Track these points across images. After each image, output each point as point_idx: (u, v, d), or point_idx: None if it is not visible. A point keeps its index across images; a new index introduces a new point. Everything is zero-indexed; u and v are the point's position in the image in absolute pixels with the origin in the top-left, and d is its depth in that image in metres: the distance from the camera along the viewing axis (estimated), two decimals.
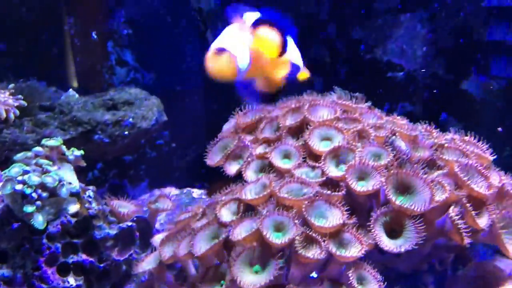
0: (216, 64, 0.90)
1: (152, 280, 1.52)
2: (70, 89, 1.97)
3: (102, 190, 2.32)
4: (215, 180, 1.59)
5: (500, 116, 2.23)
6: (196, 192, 1.95)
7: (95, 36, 2.27)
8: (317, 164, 1.47)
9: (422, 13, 2.28)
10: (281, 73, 1.02)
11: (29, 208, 1.40)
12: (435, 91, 2.30)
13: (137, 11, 2.31)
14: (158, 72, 2.37)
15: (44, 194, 1.43)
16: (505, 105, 2.20)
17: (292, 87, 1.53)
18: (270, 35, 0.92)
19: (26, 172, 1.43)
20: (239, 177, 1.55)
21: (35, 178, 1.42)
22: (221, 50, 0.91)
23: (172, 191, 1.94)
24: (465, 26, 2.24)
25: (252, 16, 0.96)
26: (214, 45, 0.91)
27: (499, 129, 2.28)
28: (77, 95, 1.96)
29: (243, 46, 0.93)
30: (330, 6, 2.32)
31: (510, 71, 1.96)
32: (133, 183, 2.34)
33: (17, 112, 1.66)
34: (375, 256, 1.50)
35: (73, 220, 1.49)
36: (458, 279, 1.54)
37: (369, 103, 1.70)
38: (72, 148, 1.56)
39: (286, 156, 1.53)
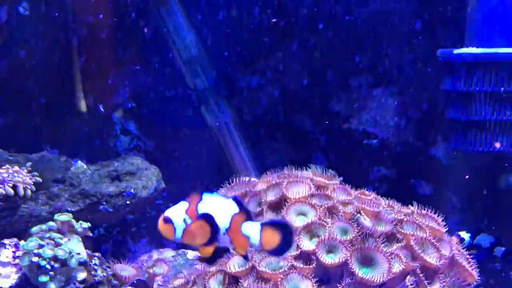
0: (161, 227, 1.11)
1: None
2: (79, 161, 2.18)
3: (106, 247, 2.49)
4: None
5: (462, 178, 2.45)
6: (191, 254, 2.12)
7: (102, 109, 2.51)
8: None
9: (393, 88, 2.51)
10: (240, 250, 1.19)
11: (43, 278, 1.59)
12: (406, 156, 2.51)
13: (140, 88, 2.54)
14: (158, 140, 2.60)
15: (56, 265, 1.62)
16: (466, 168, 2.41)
17: None
18: (200, 230, 1.12)
19: (41, 246, 1.62)
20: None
21: (48, 252, 1.61)
22: (167, 220, 1.10)
23: (169, 253, 2.12)
24: (430, 100, 2.47)
25: (208, 199, 1.13)
26: (166, 213, 1.10)
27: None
28: (84, 166, 2.17)
29: (183, 222, 1.10)
30: (311, 81, 2.55)
31: (467, 146, 2.16)
32: (134, 239, 2.52)
33: (34, 188, 1.87)
34: None
35: (81, 286, 1.67)
36: None
37: (340, 179, 1.88)
38: (80, 221, 1.76)
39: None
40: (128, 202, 2.04)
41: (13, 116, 2.47)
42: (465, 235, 2.25)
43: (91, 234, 1.76)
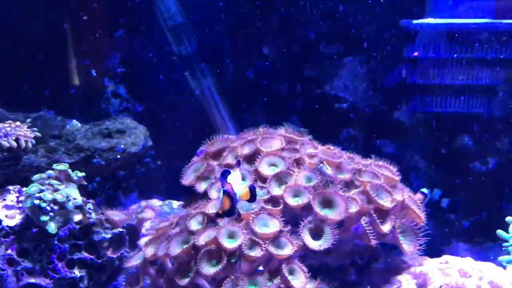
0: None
1: (138, 272, 1.85)
2: (74, 120, 2.33)
3: (99, 199, 2.65)
4: (189, 195, 1.94)
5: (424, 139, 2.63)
6: (176, 203, 2.29)
7: (94, 74, 2.65)
8: (264, 185, 1.84)
9: (361, 56, 2.67)
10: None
11: (44, 218, 1.76)
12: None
13: (129, 54, 2.68)
14: (146, 103, 2.75)
15: (55, 208, 1.78)
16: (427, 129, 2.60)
17: None
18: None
19: (41, 191, 1.78)
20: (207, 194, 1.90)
21: (48, 195, 1.77)
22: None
23: (156, 202, 2.30)
24: (394, 68, 2.63)
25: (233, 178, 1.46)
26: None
27: None
28: (79, 124, 2.32)
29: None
30: (288, 49, 2.69)
31: (424, 108, 2.33)
32: (125, 194, 2.69)
33: (34, 141, 2.02)
34: (311, 255, 1.87)
35: (77, 226, 1.84)
36: (372, 270, 1.91)
37: (310, 136, 2.05)
38: (75, 171, 1.92)
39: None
40: (118, 156, 2.21)
41: (12, 80, 2.61)
42: (425, 191, 2.45)
43: (85, 183, 1.92)
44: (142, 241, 1.89)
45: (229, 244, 1.64)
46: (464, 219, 2.71)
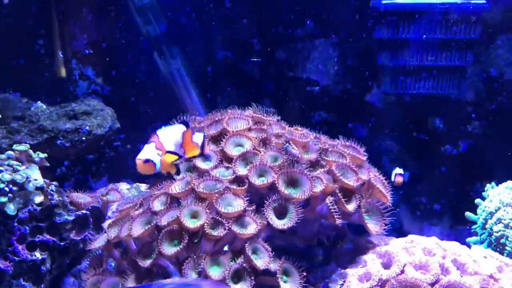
0: (143, 167, 1.46)
1: (102, 255, 1.83)
2: (39, 102, 2.27)
3: (68, 184, 2.61)
4: (155, 177, 1.91)
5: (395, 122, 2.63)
6: (144, 186, 2.26)
7: (61, 55, 2.58)
8: (230, 165, 1.82)
9: (333, 39, 2.64)
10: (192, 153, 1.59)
11: (2, 199, 1.70)
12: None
13: (97, 35, 2.62)
14: (114, 85, 2.70)
15: (14, 188, 1.73)
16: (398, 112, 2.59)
17: None
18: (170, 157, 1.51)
19: (0, 171, 1.74)
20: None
21: (7, 176, 1.72)
22: (146, 161, 1.46)
23: (124, 185, 2.26)
24: (365, 51, 2.61)
25: (162, 133, 1.51)
26: (142, 156, 1.46)
27: None
28: (44, 106, 2.26)
29: (158, 157, 1.48)
30: (259, 32, 2.66)
31: (394, 89, 2.33)
32: (94, 178, 2.64)
33: None
34: (278, 236, 1.86)
35: (38, 208, 1.79)
36: (339, 250, 1.90)
37: (278, 117, 2.03)
38: (37, 152, 1.87)
39: (208, 158, 1.87)
40: (83, 138, 2.16)
41: None
42: (401, 171, 2.41)
43: (48, 164, 1.87)
44: (106, 223, 1.86)
45: (191, 224, 1.61)
46: (436, 202, 2.73)
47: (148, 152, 1.46)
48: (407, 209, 2.69)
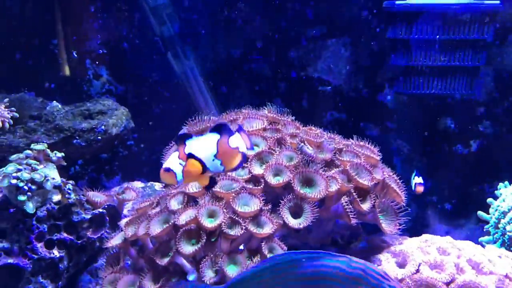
0: (165, 177, 1.31)
1: (119, 253, 1.84)
2: (54, 101, 2.29)
3: (82, 182, 2.63)
4: None
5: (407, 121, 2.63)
6: (158, 186, 2.27)
7: (75, 55, 2.60)
8: (246, 165, 1.82)
9: (345, 38, 2.65)
10: (234, 164, 1.38)
11: (21, 197, 1.73)
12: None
13: (111, 35, 2.63)
14: (128, 85, 2.71)
15: (33, 187, 1.75)
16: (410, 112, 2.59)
17: None
18: (193, 166, 1.32)
19: (19, 170, 1.75)
20: None
21: (26, 175, 1.74)
22: (167, 170, 1.30)
23: (138, 184, 2.28)
24: (377, 51, 2.62)
25: (191, 144, 1.33)
26: (164, 165, 1.31)
27: None
28: (59, 106, 2.28)
29: (180, 166, 1.31)
30: (271, 32, 2.66)
31: (407, 89, 2.33)
32: (108, 176, 2.66)
33: (11, 122, 1.98)
34: (293, 235, 1.87)
35: (56, 207, 1.81)
36: (352, 249, 1.91)
37: (292, 117, 2.03)
38: (55, 151, 1.89)
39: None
40: (99, 137, 2.17)
41: None
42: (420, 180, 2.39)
43: (65, 163, 1.89)
44: (123, 221, 1.86)
45: (209, 223, 1.62)
46: (446, 201, 2.73)
47: (171, 161, 1.31)
48: (418, 208, 2.69)
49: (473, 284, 1.57)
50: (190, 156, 1.32)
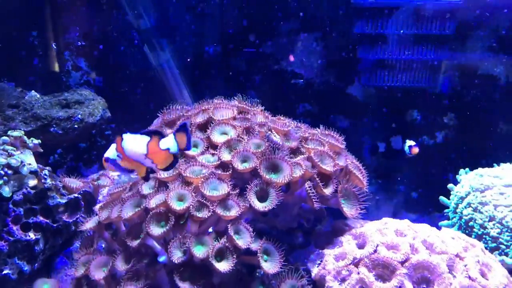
0: (105, 166, 1.47)
1: (93, 236, 1.90)
2: (33, 91, 2.33)
3: (60, 170, 2.66)
4: None
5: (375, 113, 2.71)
6: (134, 173, 2.32)
7: (55, 47, 2.64)
8: (215, 152, 1.89)
9: (317, 33, 2.72)
10: (164, 164, 1.50)
11: None
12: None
13: (90, 28, 2.67)
14: (106, 76, 2.76)
15: (10, 172, 1.80)
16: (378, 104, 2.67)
17: None
18: (128, 163, 1.50)
19: None
20: None
21: (2, 160, 1.79)
22: (106, 160, 1.46)
23: (115, 172, 2.32)
24: (346, 45, 2.69)
25: (126, 138, 1.46)
26: (105, 155, 1.46)
27: None
28: (38, 95, 2.32)
29: (118, 158, 1.47)
30: (247, 26, 2.72)
31: (373, 82, 2.41)
32: (86, 165, 2.70)
33: None
34: (261, 219, 1.94)
35: (32, 191, 1.86)
36: (317, 232, 1.99)
37: (262, 107, 2.10)
38: (31, 138, 1.93)
39: (195, 145, 1.92)
40: (76, 126, 2.22)
41: None
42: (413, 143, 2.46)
43: (41, 150, 1.94)
44: (98, 206, 1.92)
45: (177, 206, 1.68)
46: (414, 190, 2.82)
47: (109, 152, 1.46)
48: (386, 197, 2.78)
49: (425, 263, 1.66)
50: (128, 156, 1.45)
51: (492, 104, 2.64)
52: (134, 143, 1.46)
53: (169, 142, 1.47)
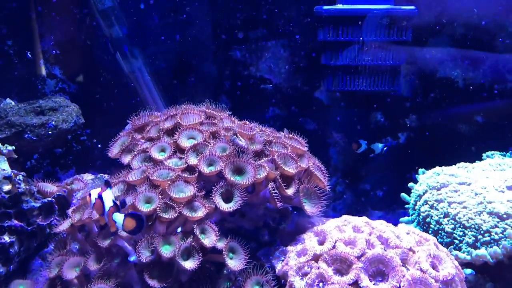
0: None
1: (67, 237, 1.93)
2: (8, 99, 2.36)
3: (38, 175, 2.70)
4: (118, 167, 2.03)
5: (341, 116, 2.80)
6: (107, 177, 2.38)
7: (29, 55, 2.67)
8: (183, 156, 1.95)
9: (284, 40, 2.80)
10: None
11: None
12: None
13: (64, 36, 2.71)
14: (81, 83, 2.80)
15: None
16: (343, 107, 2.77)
17: None
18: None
19: None
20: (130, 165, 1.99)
21: None
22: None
23: (89, 176, 2.37)
24: (312, 50, 2.78)
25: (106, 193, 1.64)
26: (92, 193, 1.66)
27: None
28: (13, 103, 2.36)
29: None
30: (217, 33, 2.79)
31: (336, 87, 2.51)
32: (63, 170, 2.74)
33: None
34: (228, 219, 2.00)
35: (6, 196, 1.89)
36: (282, 231, 2.07)
37: (229, 112, 2.17)
38: (5, 144, 1.97)
39: (163, 150, 1.96)
40: (50, 132, 2.26)
41: None
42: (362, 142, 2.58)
43: (15, 156, 1.97)
44: (71, 209, 1.96)
45: (145, 208, 1.74)
46: (378, 189, 2.92)
47: (93, 193, 1.66)
48: (352, 195, 2.87)
49: (380, 257, 1.74)
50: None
51: (451, 105, 2.75)
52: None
53: (119, 219, 1.63)
